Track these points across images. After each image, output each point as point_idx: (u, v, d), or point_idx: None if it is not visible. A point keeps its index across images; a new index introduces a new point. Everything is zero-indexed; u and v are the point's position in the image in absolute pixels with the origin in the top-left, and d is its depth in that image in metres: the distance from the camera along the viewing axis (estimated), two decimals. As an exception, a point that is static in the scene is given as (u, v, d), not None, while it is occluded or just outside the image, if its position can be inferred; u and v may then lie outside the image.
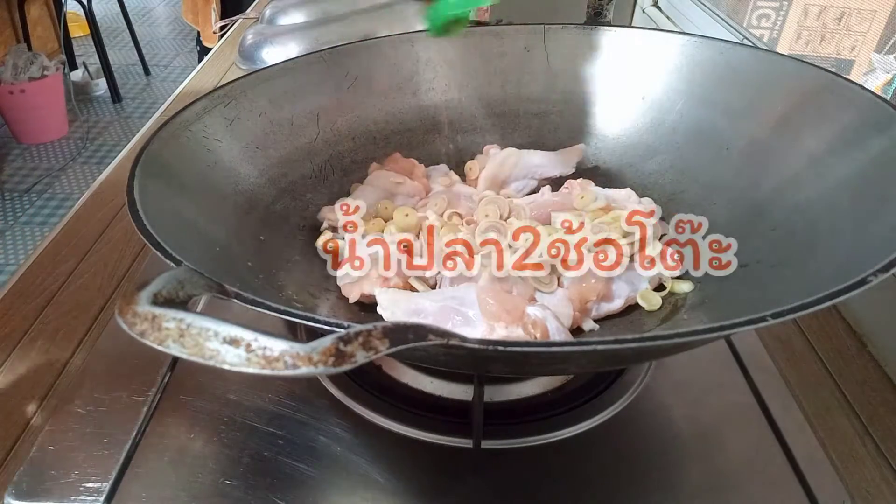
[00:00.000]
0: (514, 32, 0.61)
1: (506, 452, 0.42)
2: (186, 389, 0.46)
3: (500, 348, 0.27)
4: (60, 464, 0.41)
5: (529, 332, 0.39)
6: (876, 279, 0.29)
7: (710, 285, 0.45)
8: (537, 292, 0.43)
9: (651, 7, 1.23)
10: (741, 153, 0.50)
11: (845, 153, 0.43)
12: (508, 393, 0.46)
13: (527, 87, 0.61)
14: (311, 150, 0.55)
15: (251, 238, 0.46)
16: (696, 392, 0.46)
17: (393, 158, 0.55)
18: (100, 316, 0.56)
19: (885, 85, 1.00)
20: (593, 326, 0.44)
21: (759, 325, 0.27)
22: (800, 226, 0.42)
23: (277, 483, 0.40)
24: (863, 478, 0.43)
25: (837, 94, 0.45)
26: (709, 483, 0.40)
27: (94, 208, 0.71)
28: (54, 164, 2.30)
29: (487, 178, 0.54)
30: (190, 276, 0.28)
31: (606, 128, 0.58)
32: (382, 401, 0.45)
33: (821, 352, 0.53)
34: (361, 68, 0.59)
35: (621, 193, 0.51)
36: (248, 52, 0.94)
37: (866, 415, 0.47)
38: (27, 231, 1.96)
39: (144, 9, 3.81)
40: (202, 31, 1.84)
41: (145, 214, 0.36)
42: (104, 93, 2.76)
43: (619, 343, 0.27)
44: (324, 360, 0.23)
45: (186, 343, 0.23)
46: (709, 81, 0.53)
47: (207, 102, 0.50)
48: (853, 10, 1.06)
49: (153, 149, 0.43)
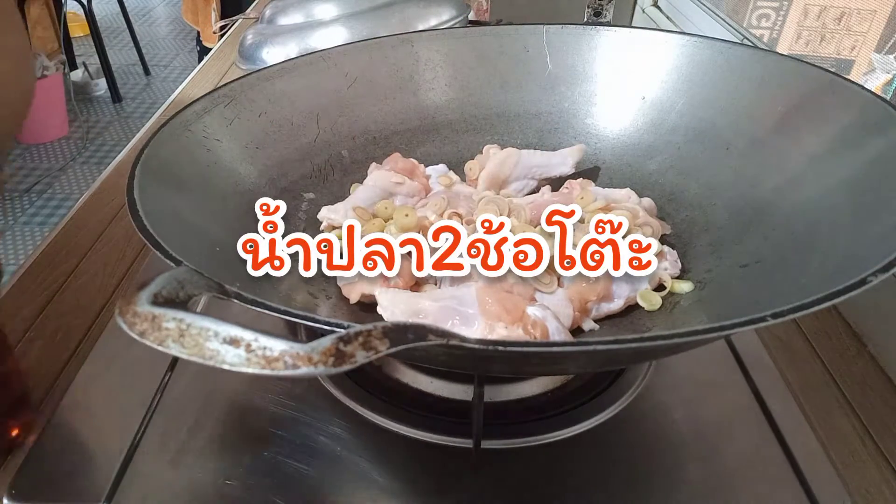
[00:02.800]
0: (514, 32, 0.61)
1: (506, 452, 0.42)
2: (186, 389, 0.46)
3: (500, 348, 0.27)
4: (60, 464, 0.41)
5: (529, 332, 0.39)
6: (876, 279, 0.29)
7: (710, 285, 0.45)
8: (537, 292, 0.43)
9: (651, 7, 1.23)
10: (741, 153, 0.50)
11: (845, 153, 0.43)
12: (508, 393, 0.46)
13: (527, 87, 0.61)
14: (311, 150, 0.55)
15: (251, 238, 0.46)
16: (696, 392, 0.46)
17: (393, 158, 0.55)
18: (100, 316, 0.56)
19: (885, 85, 1.00)
20: (593, 326, 0.44)
21: (759, 325, 0.27)
22: (800, 226, 0.42)
23: (277, 483, 0.40)
24: (863, 478, 0.43)
25: (837, 94, 0.45)
26: (709, 483, 0.40)
27: (94, 208, 0.71)
28: (54, 164, 2.30)
29: (487, 178, 0.54)
30: (190, 276, 0.28)
31: (606, 128, 0.58)
32: (382, 401, 0.45)
33: (821, 352, 0.53)
34: (361, 68, 0.59)
35: (621, 193, 0.51)
36: (248, 52, 0.94)
37: (866, 415, 0.47)
38: (27, 231, 1.96)
39: (144, 9, 3.81)
40: (202, 31, 1.84)
41: (145, 214, 0.36)
42: (104, 93, 2.76)
43: (619, 343, 0.27)
44: (324, 361, 0.23)
45: (186, 343, 0.23)
46: (709, 81, 0.53)
47: (207, 102, 0.50)
48: (853, 10, 1.06)
49: (153, 149, 0.43)
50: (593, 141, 0.58)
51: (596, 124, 0.59)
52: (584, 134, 0.59)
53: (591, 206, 0.47)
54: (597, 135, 0.58)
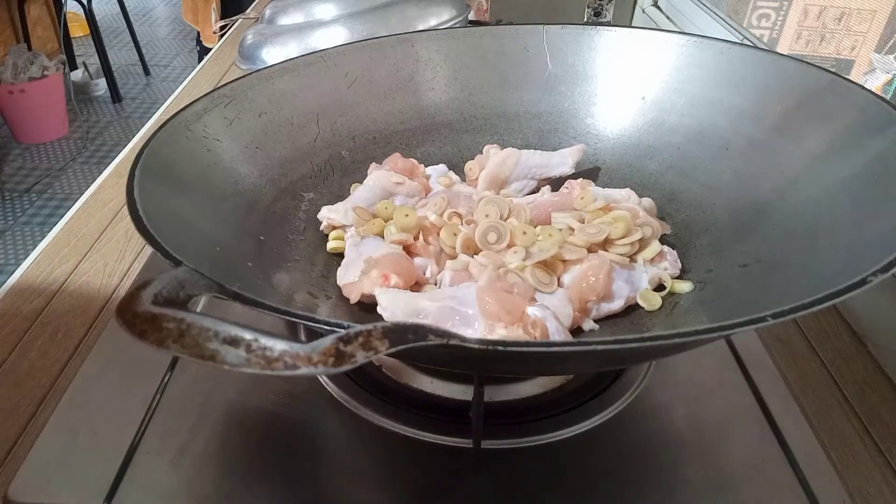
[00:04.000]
0: (514, 32, 0.61)
1: (506, 452, 0.42)
2: (186, 389, 0.46)
3: (499, 348, 0.27)
4: (60, 464, 0.41)
5: (529, 332, 0.39)
6: (876, 279, 0.29)
7: (710, 285, 0.45)
8: (537, 292, 0.43)
9: (651, 7, 1.23)
10: (741, 153, 0.50)
11: (845, 153, 0.43)
12: (508, 393, 0.46)
13: (527, 87, 0.61)
14: (311, 150, 0.55)
15: (251, 238, 0.46)
16: (696, 392, 0.46)
17: (393, 158, 0.54)
18: (100, 316, 0.56)
19: (885, 85, 1.00)
20: (593, 326, 0.44)
21: (759, 325, 0.27)
22: (800, 226, 0.42)
23: (277, 483, 0.40)
24: (863, 478, 0.43)
25: (837, 94, 0.45)
26: (709, 483, 0.40)
27: (94, 208, 0.71)
28: (54, 164, 2.30)
29: (487, 178, 0.54)
30: (190, 276, 0.28)
31: (606, 128, 0.58)
32: (382, 401, 0.45)
33: (821, 352, 0.53)
34: (361, 68, 0.59)
35: (621, 193, 0.51)
36: (248, 52, 0.94)
37: (866, 415, 0.47)
38: (27, 231, 1.96)
39: (144, 9, 3.81)
40: (202, 31, 1.84)
41: (145, 214, 0.36)
42: (104, 93, 2.76)
43: (619, 343, 0.27)
44: (324, 361, 0.23)
45: (186, 343, 0.23)
46: (709, 81, 0.53)
47: (207, 102, 0.50)
48: (853, 10, 1.06)
49: (153, 149, 0.43)
50: (593, 141, 0.58)
51: (596, 124, 0.59)
52: (584, 134, 0.59)
53: (591, 207, 0.47)
54: (597, 135, 0.58)
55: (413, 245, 0.47)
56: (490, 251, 0.45)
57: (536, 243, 0.45)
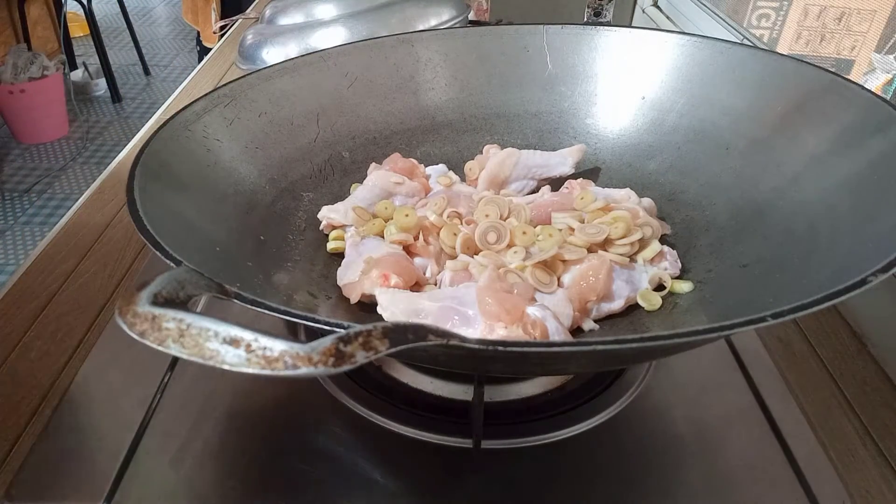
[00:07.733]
0: (514, 32, 0.61)
1: (506, 452, 0.42)
2: (186, 389, 0.46)
3: (499, 348, 0.27)
4: (60, 464, 0.41)
5: (529, 332, 0.39)
6: (876, 279, 0.29)
7: (710, 285, 0.45)
8: (537, 292, 0.43)
9: (651, 7, 1.23)
10: (741, 153, 0.50)
11: (845, 153, 0.43)
12: (508, 393, 0.46)
13: (527, 87, 0.61)
14: (311, 150, 0.55)
15: (251, 238, 0.46)
16: (696, 392, 0.46)
17: (393, 158, 0.54)
18: (100, 316, 0.56)
19: (885, 85, 1.00)
20: (593, 326, 0.44)
21: (759, 325, 0.27)
22: (800, 226, 0.42)
23: (277, 483, 0.40)
24: (863, 478, 0.43)
25: (837, 94, 0.45)
26: (709, 483, 0.40)
27: (94, 208, 0.71)
28: (54, 164, 2.30)
29: (487, 178, 0.54)
30: (190, 276, 0.28)
31: (606, 128, 0.58)
32: (382, 401, 0.45)
33: (821, 352, 0.53)
34: (361, 68, 0.59)
35: (621, 193, 0.51)
36: (248, 52, 0.94)
37: (866, 415, 0.47)
38: (27, 231, 1.96)
39: (144, 9, 3.81)
40: (202, 31, 1.84)
41: (145, 214, 0.36)
42: (104, 93, 2.76)
43: (619, 343, 0.27)
44: (324, 361, 0.23)
45: (186, 343, 0.23)
46: (709, 81, 0.53)
47: (207, 102, 0.50)
48: (853, 10, 1.06)
49: (153, 149, 0.43)
50: (593, 141, 0.58)
51: (596, 124, 0.59)
52: (584, 134, 0.59)
53: (591, 207, 0.47)
54: (597, 135, 0.58)
55: (413, 245, 0.47)
56: (490, 251, 0.45)
57: (536, 243, 0.45)
